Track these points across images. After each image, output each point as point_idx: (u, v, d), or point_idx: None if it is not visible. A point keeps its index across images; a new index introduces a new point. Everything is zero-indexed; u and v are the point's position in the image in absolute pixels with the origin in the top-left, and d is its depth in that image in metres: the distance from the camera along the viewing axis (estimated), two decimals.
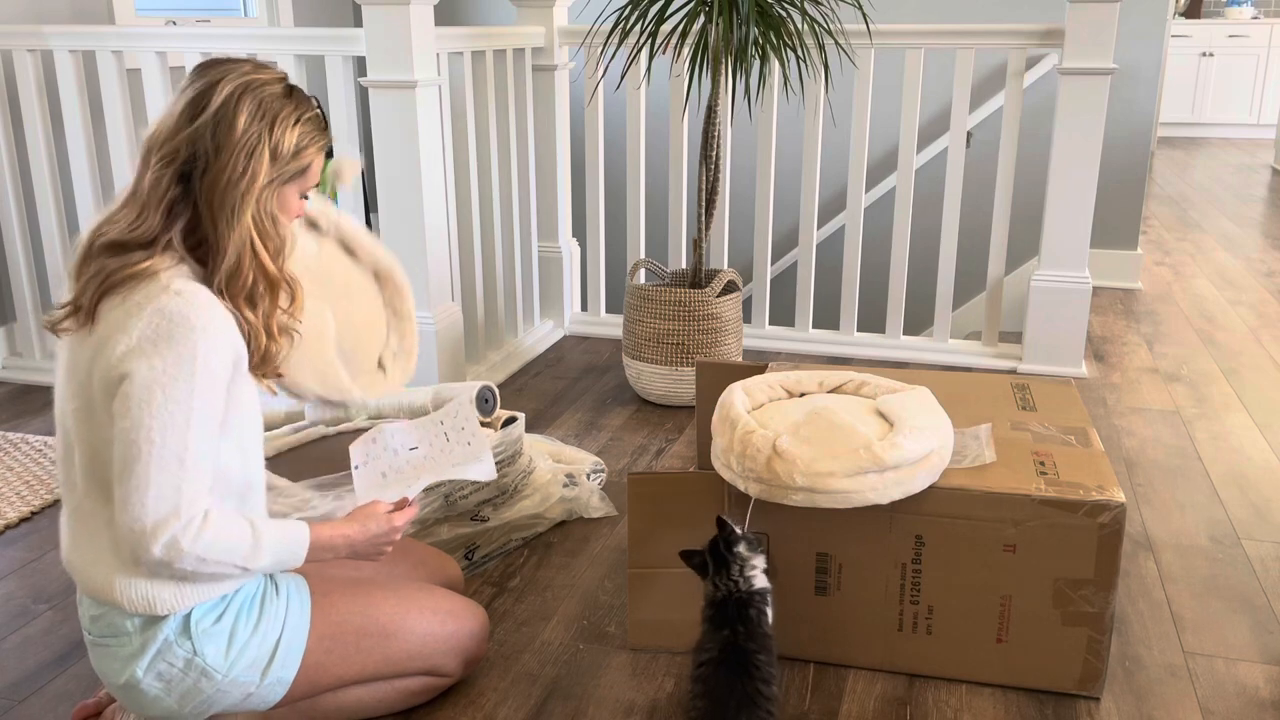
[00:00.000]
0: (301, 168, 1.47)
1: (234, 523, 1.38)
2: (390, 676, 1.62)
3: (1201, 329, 3.78)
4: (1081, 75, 3.02)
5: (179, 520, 1.32)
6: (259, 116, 1.41)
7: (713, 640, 1.55)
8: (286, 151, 1.43)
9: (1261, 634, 1.93)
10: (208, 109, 1.40)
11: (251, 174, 1.40)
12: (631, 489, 1.83)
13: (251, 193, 1.40)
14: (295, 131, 1.44)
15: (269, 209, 1.44)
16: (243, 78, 1.42)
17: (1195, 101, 8.96)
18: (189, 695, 1.46)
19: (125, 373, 1.32)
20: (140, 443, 1.31)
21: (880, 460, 1.65)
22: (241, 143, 1.39)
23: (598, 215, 3.67)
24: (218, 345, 1.36)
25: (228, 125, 1.39)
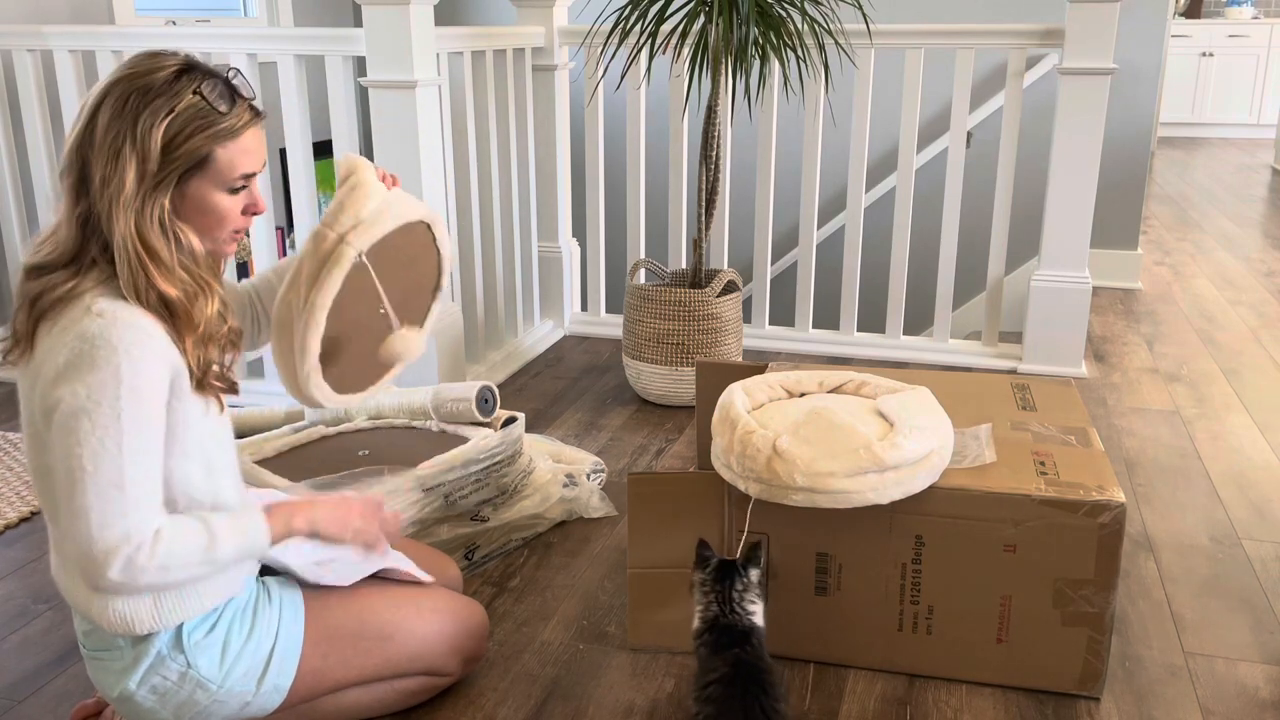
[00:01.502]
0: (194, 161, 1.34)
1: (185, 526, 1.32)
2: (391, 677, 1.62)
3: (1201, 329, 3.78)
4: (1081, 75, 3.02)
5: (130, 544, 1.26)
6: (120, 115, 1.30)
7: (720, 659, 1.50)
8: (154, 150, 1.30)
9: (1261, 634, 1.93)
10: (80, 117, 1.34)
11: (118, 180, 1.30)
12: (631, 489, 1.83)
13: (121, 201, 1.30)
14: (164, 125, 1.30)
15: (157, 217, 1.32)
16: (116, 75, 1.33)
17: (1195, 101, 8.96)
18: (184, 707, 1.45)
19: (53, 402, 1.27)
20: (75, 471, 1.26)
21: (880, 460, 1.65)
22: (104, 148, 1.30)
23: (598, 215, 3.67)
24: (143, 364, 1.28)
25: (92, 131, 1.31)
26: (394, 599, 1.61)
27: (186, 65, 1.35)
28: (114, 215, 1.30)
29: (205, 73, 1.36)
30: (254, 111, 1.40)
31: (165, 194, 1.34)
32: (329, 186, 4.04)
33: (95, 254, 1.33)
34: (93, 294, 1.31)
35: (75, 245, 1.33)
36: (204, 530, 1.33)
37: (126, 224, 1.31)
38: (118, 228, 1.30)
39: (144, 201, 1.32)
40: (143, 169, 1.31)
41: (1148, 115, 4.18)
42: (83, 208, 1.33)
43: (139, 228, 1.31)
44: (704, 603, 1.60)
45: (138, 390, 1.28)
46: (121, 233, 1.31)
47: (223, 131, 1.35)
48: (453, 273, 3.10)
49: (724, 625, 1.56)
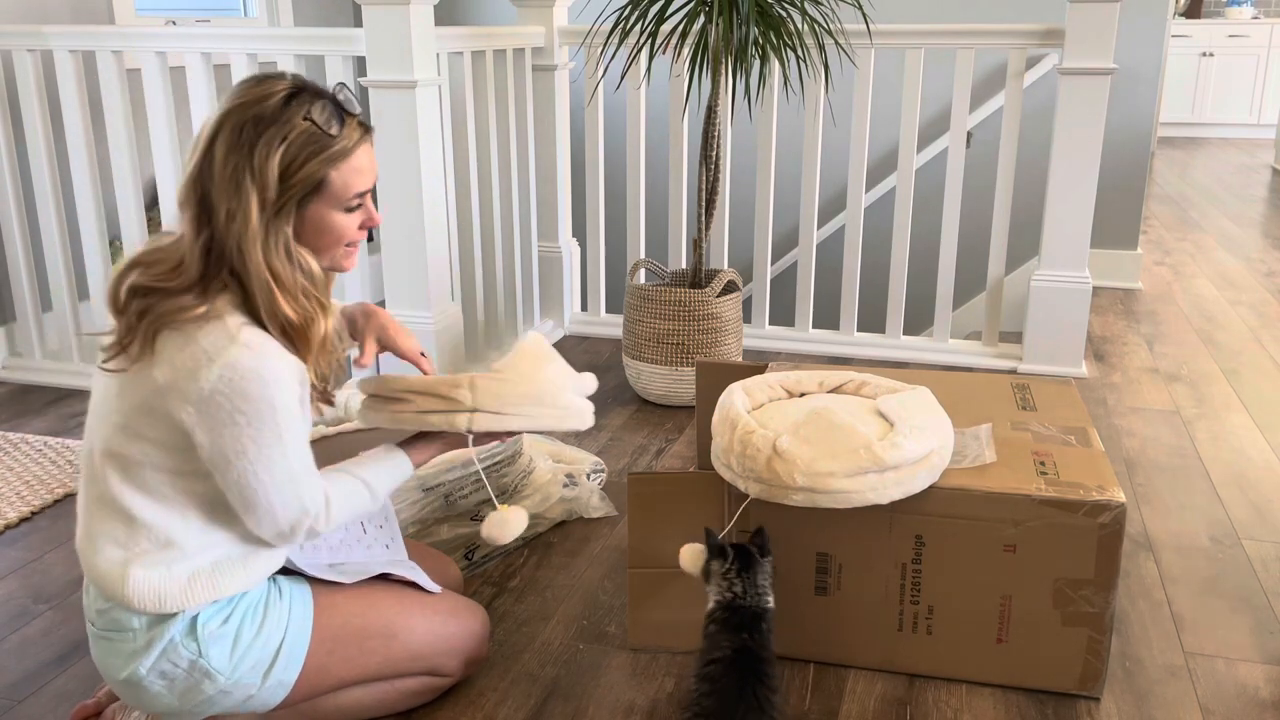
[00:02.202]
0: (311, 186, 1.37)
1: (346, 487, 1.50)
2: (392, 677, 1.62)
3: (1201, 329, 3.78)
4: (1081, 75, 3.02)
5: (308, 517, 1.43)
6: (237, 146, 1.33)
7: (727, 640, 1.54)
8: (272, 178, 1.33)
9: (1261, 634, 1.93)
10: (197, 149, 1.36)
11: (243, 212, 1.33)
12: (631, 489, 1.83)
13: (247, 233, 1.33)
14: (280, 151, 1.33)
15: (282, 242, 1.36)
16: (229, 104, 1.35)
17: (1195, 101, 8.96)
18: (190, 694, 1.46)
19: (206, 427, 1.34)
20: (252, 484, 1.37)
21: (880, 460, 1.65)
22: (224, 181, 1.33)
23: (598, 215, 3.67)
24: (287, 386, 1.37)
25: (211, 163, 1.34)
26: (399, 599, 1.62)
27: (295, 88, 1.37)
28: (243, 247, 1.34)
29: (314, 94, 1.38)
30: (363, 129, 1.43)
31: (287, 221, 1.37)
32: None
33: (225, 280, 1.36)
34: (233, 318, 1.35)
35: (200, 273, 1.35)
36: (361, 485, 1.52)
37: (255, 254, 1.34)
38: (248, 259, 1.34)
39: (268, 231, 1.35)
40: (263, 199, 1.34)
41: (1148, 115, 4.18)
42: (205, 238, 1.35)
43: (266, 257, 1.35)
44: (723, 584, 1.61)
45: (288, 408, 1.38)
46: (252, 263, 1.34)
47: (335, 154, 1.38)
48: (452, 273, 3.10)
49: (740, 606, 1.58)
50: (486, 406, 1.58)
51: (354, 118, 1.42)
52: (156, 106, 2.98)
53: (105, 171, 3.17)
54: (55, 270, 3.19)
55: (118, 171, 3.07)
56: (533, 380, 1.63)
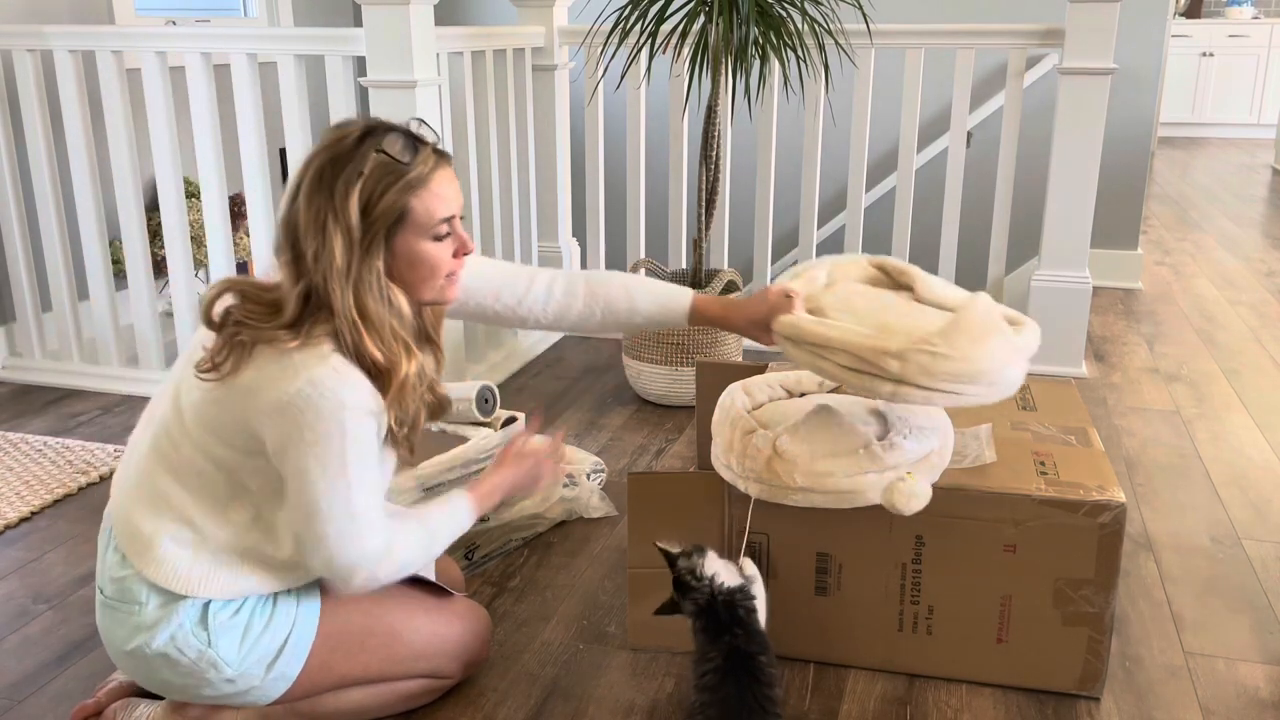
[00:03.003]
0: (393, 217, 1.38)
1: (409, 534, 1.48)
2: (394, 677, 1.62)
3: (1201, 329, 3.78)
4: (1081, 75, 3.02)
5: (368, 564, 1.42)
6: (318, 189, 1.36)
7: (715, 648, 1.53)
8: (354, 215, 1.35)
9: (1261, 634, 1.93)
10: (285, 199, 1.40)
11: (328, 252, 1.35)
12: (631, 489, 1.83)
13: (334, 273, 1.36)
14: (357, 188, 1.36)
15: (373, 279, 1.38)
16: (311, 152, 1.40)
17: (1195, 101, 8.96)
18: (193, 679, 1.48)
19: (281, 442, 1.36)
20: (310, 507, 1.38)
21: (880, 460, 1.65)
22: (310, 223, 1.36)
23: (598, 215, 3.67)
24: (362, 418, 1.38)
25: (297, 209, 1.38)
26: (404, 599, 1.63)
27: (369, 128, 1.40)
28: (332, 287, 1.36)
29: (386, 129, 1.40)
30: (438, 155, 1.43)
31: (377, 257, 1.39)
32: None
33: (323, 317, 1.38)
34: (328, 345, 1.37)
35: (296, 316, 1.38)
36: (424, 532, 1.51)
37: (345, 294, 1.36)
38: (337, 299, 1.36)
39: (358, 269, 1.37)
40: (349, 237, 1.36)
41: (1148, 115, 4.18)
42: (304, 285, 1.38)
43: (357, 295, 1.37)
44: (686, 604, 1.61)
45: (359, 439, 1.38)
46: (341, 302, 1.36)
47: (412, 181, 1.38)
48: None
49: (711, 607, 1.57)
50: (913, 380, 1.51)
51: (428, 145, 1.43)
52: (156, 106, 2.98)
53: (105, 171, 3.17)
54: (55, 270, 3.19)
55: (118, 171, 3.07)
56: (970, 358, 1.51)
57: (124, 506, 1.49)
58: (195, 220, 3.36)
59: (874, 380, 1.54)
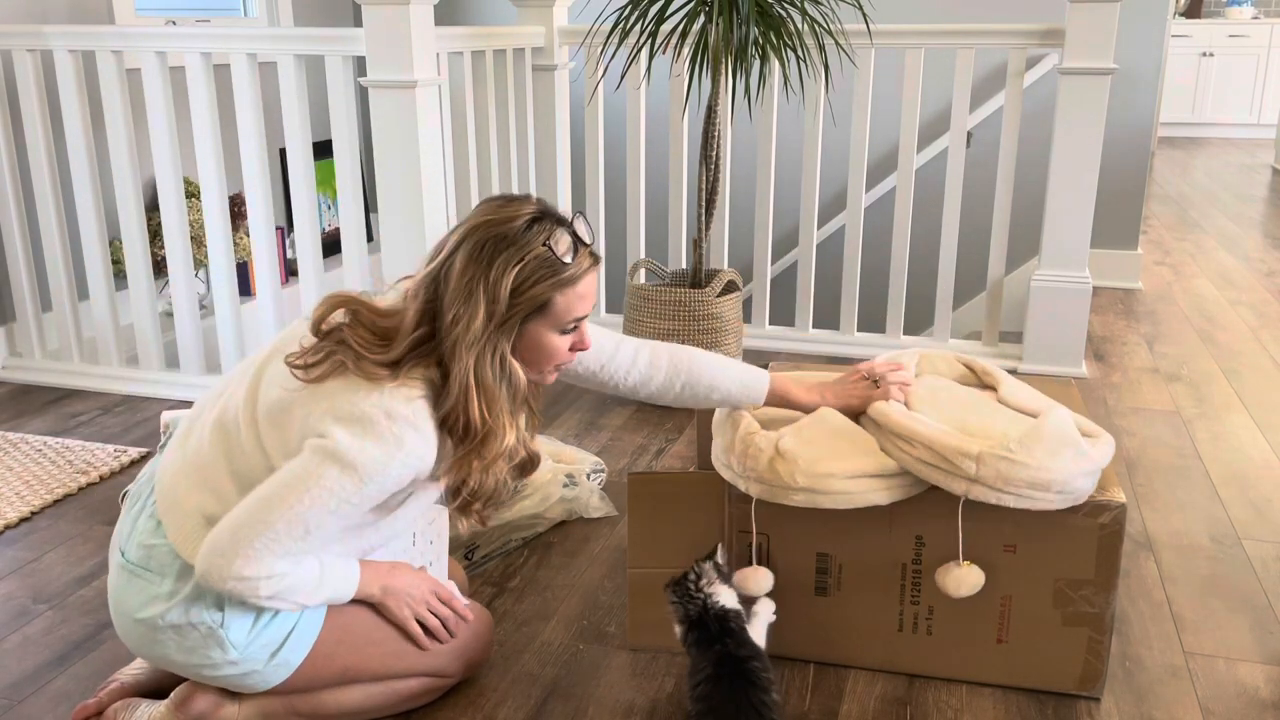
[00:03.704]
0: (535, 306, 1.43)
1: (306, 570, 1.44)
2: (396, 674, 1.63)
3: (1201, 329, 3.78)
4: (1081, 75, 3.02)
5: (267, 573, 1.39)
6: (477, 259, 1.40)
7: (705, 658, 1.55)
8: (503, 295, 1.40)
9: (1261, 634, 1.93)
10: (441, 253, 1.43)
11: (468, 319, 1.39)
12: (631, 489, 1.83)
13: (466, 338, 1.40)
14: (514, 270, 1.40)
15: (498, 354, 1.42)
16: (479, 218, 1.43)
17: (1195, 101, 8.96)
18: (196, 655, 1.48)
19: (327, 430, 1.37)
20: (289, 487, 1.37)
21: (883, 463, 1.65)
22: (459, 287, 1.40)
23: (598, 215, 3.67)
24: (407, 468, 1.39)
25: (449, 270, 1.41)
26: None
27: (539, 214, 1.44)
28: (458, 349, 1.40)
29: (555, 220, 1.45)
30: (594, 259, 1.48)
31: (508, 337, 1.43)
32: (328, 187, 4.05)
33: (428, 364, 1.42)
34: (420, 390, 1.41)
35: (402, 357, 1.41)
36: (318, 576, 1.46)
37: (468, 359, 1.40)
38: (459, 361, 1.40)
39: (488, 341, 1.42)
40: (491, 310, 1.40)
41: (1148, 115, 4.18)
42: (424, 332, 1.42)
43: (478, 364, 1.41)
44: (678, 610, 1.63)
45: (384, 487, 1.39)
46: (461, 365, 1.40)
47: (565, 280, 1.44)
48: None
49: (699, 619, 1.58)
50: (988, 483, 1.58)
51: (587, 247, 1.47)
52: (156, 106, 2.98)
53: (105, 171, 3.17)
54: (55, 270, 3.19)
55: (118, 172, 3.07)
56: (1045, 468, 1.58)
57: (172, 476, 1.50)
58: (195, 220, 3.36)
59: (949, 477, 1.60)
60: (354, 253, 2.93)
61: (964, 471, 1.58)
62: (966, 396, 1.82)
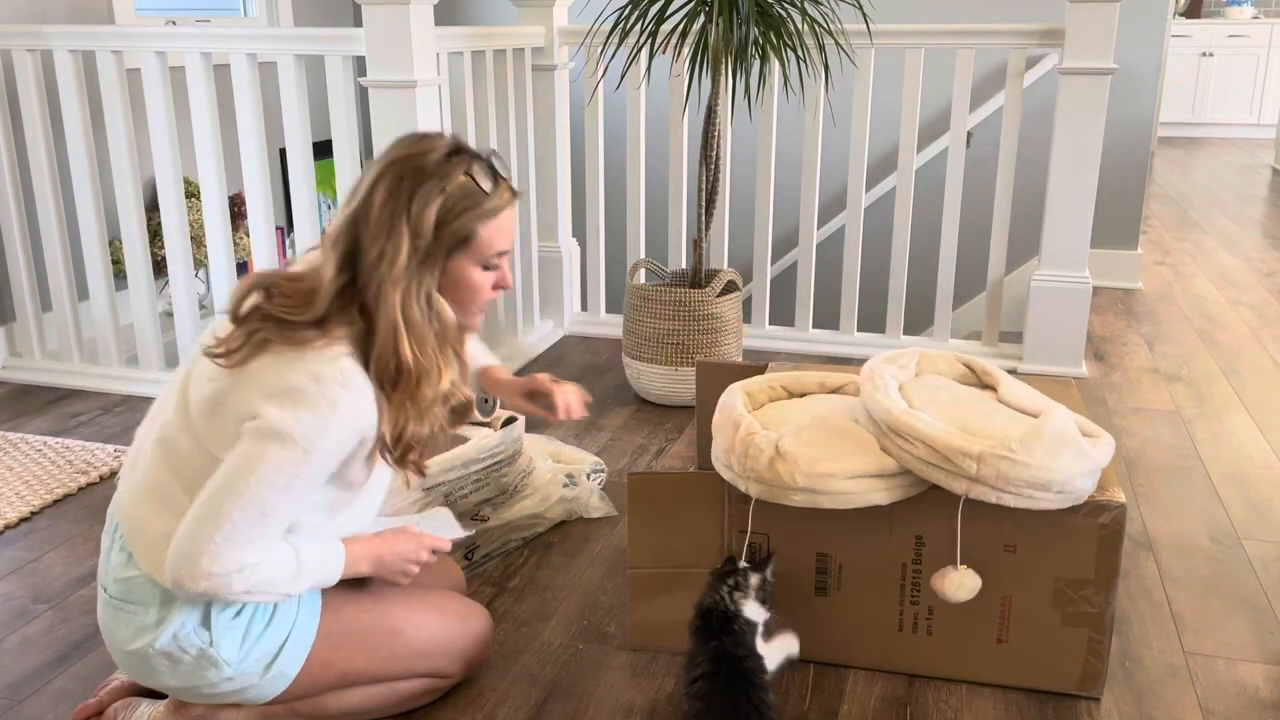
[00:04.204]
0: (458, 240, 1.41)
1: (280, 557, 1.41)
2: (395, 676, 1.62)
3: (1201, 329, 3.78)
4: (1081, 75, 3.02)
5: (236, 566, 1.35)
6: (396, 193, 1.38)
7: (701, 652, 1.55)
8: (427, 227, 1.38)
9: (1261, 634, 1.93)
10: (358, 191, 1.41)
11: (391, 255, 1.37)
12: (631, 489, 1.83)
13: (392, 275, 1.37)
14: (438, 202, 1.38)
15: (423, 290, 1.40)
16: (394, 153, 1.41)
17: (1195, 101, 8.96)
18: (191, 677, 1.47)
19: (260, 411, 1.34)
20: (236, 476, 1.34)
21: (883, 463, 1.65)
22: (379, 223, 1.37)
23: (598, 215, 3.67)
24: (349, 428, 1.36)
25: (369, 206, 1.39)
26: (405, 597, 1.63)
27: (455, 147, 1.43)
28: (384, 289, 1.37)
29: (472, 154, 1.44)
30: (512, 192, 1.47)
31: (431, 271, 1.41)
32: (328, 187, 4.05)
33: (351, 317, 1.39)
34: (344, 347, 1.37)
35: (327, 310, 1.38)
36: (295, 563, 1.42)
37: (393, 297, 1.37)
38: (385, 300, 1.37)
39: (413, 278, 1.39)
40: (415, 245, 1.38)
41: (1148, 115, 4.18)
42: (346, 277, 1.39)
43: (404, 302, 1.38)
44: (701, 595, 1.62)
45: (329, 451, 1.36)
46: (388, 304, 1.37)
47: (487, 211, 1.43)
48: None
49: (709, 612, 1.58)
50: (989, 482, 1.58)
51: (505, 180, 1.47)
52: (156, 106, 2.98)
53: (105, 171, 3.17)
54: (55, 270, 3.19)
55: (118, 172, 3.07)
56: (1046, 468, 1.58)
57: (130, 505, 1.49)
58: (195, 220, 3.36)
59: (950, 477, 1.60)
60: None
61: (965, 471, 1.58)
62: (966, 396, 1.82)
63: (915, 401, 1.74)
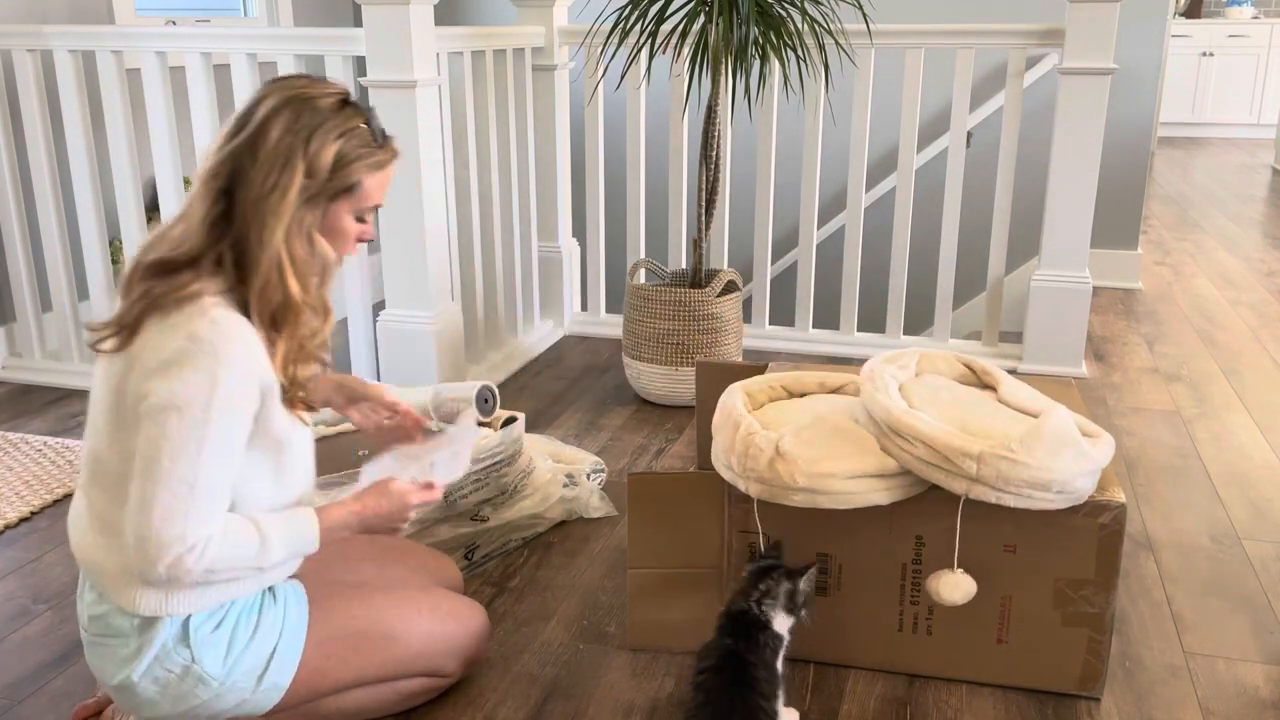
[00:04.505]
0: (346, 185, 1.42)
1: (239, 531, 1.38)
2: (392, 678, 1.62)
3: (1201, 329, 3.78)
4: (1081, 75, 3.02)
5: (184, 545, 1.32)
6: (294, 130, 1.38)
7: (715, 648, 1.54)
8: (323, 166, 1.39)
9: (1261, 634, 1.93)
10: (248, 123, 1.40)
11: (282, 188, 1.37)
12: (631, 489, 1.83)
13: (282, 208, 1.37)
14: (335, 145, 1.39)
15: (306, 228, 1.40)
16: (289, 91, 1.40)
17: (1195, 101, 8.96)
18: (183, 700, 1.46)
19: (146, 391, 1.33)
20: (153, 462, 1.32)
21: (883, 463, 1.65)
22: (274, 155, 1.37)
23: (598, 215, 3.67)
24: (240, 375, 1.34)
25: (262, 138, 1.38)
26: (397, 599, 1.62)
27: (346, 97, 1.45)
28: (268, 222, 1.37)
29: (364, 108, 1.46)
30: (396, 151, 1.49)
31: (319, 209, 1.41)
32: None
33: (221, 255, 1.38)
34: (212, 298, 1.35)
35: (203, 246, 1.38)
36: (257, 535, 1.39)
37: (278, 231, 1.37)
38: (269, 233, 1.37)
39: (300, 212, 1.39)
40: (308, 182, 1.39)
41: (1148, 115, 4.18)
42: (221, 209, 1.38)
43: (288, 237, 1.38)
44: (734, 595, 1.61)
45: (229, 400, 1.33)
46: (273, 237, 1.37)
47: (377, 163, 1.45)
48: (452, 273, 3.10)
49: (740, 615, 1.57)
50: (989, 482, 1.58)
51: (392, 139, 1.49)
52: (156, 106, 2.98)
53: (105, 171, 3.17)
54: (55, 270, 3.19)
55: (118, 172, 3.07)
56: (1046, 468, 1.58)
57: (88, 548, 1.46)
58: None
59: (950, 477, 1.60)
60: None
61: (965, 471, 1.58)
62: (966, 396, 1.82)
63: (915, 401, 1.74)
